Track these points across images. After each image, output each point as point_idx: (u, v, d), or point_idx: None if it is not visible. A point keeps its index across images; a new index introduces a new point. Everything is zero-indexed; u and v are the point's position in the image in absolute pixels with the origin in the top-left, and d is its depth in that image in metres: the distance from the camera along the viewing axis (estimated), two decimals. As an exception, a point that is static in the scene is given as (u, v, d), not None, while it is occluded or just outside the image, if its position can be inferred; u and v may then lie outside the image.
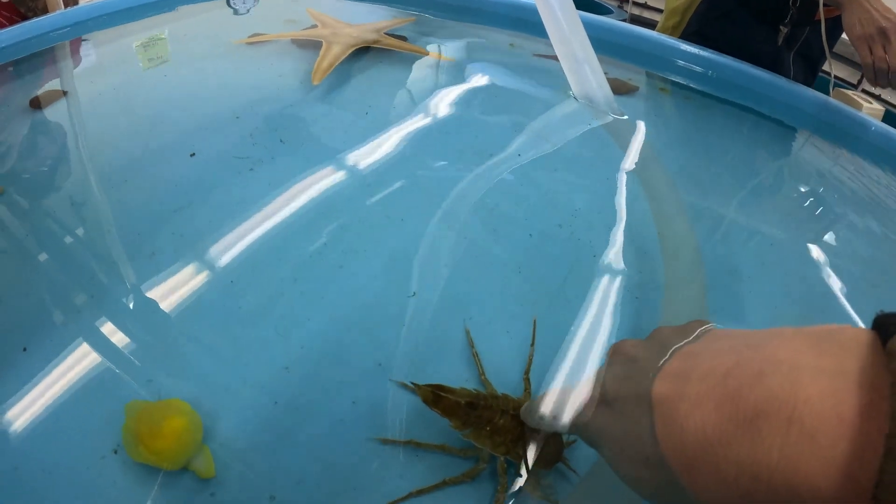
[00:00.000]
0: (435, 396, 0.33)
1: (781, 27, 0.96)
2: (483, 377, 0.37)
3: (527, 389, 0.36)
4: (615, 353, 0.28)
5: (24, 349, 0.36)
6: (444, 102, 0.69)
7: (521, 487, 0.32)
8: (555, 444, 0.33)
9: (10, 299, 0.39)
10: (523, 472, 0.32)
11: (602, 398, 0.26)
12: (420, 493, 0.32)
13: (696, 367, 0.22)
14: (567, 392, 0.29)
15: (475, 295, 0.43)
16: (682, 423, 0.21)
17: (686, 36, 1.05)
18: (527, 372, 0.37)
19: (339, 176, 0.53)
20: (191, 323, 0.39)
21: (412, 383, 0.34)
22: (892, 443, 0.15)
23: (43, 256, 0.43)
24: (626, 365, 0.26)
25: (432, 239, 0.48)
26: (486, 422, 0.32)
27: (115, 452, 0.32)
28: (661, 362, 0.23)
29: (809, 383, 0.18)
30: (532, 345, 0.39)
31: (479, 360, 0.38)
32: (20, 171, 0.52)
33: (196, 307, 0.40)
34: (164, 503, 0.30)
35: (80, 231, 0.46)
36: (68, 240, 0.45)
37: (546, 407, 0.29)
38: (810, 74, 1.06)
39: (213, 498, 0.31)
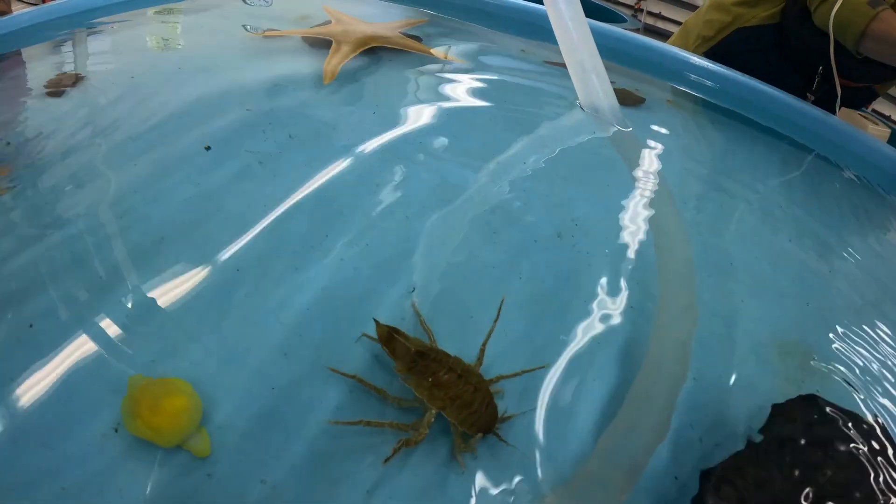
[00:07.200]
0: (389, 336, 0.36)
1: (808, 94, 0.98)
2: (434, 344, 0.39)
3: (479, 359, 0.38)
4: None
5: (31, 325, 0.37)
6: (451, 104, 0.69)
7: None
8: (489, 413, 0.34)
9: (18, 277, 0.40)
10: (453, 429, 0.34)
11: None
12: (368, 423, 0.34)
13: None
14: None
15: (475, 296, 0.44)
16: None
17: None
18: (484, 343, 0.39)
19: (344, 172, 0.54)
20: (194, 307, 0.40)
21: (374, 319, 0.37)
22: None
23: (52, 236, 0.44)
24: None
25: (434, 238, 0.48)
26: (431, 373, 0.34)
27: (116, 431, 0.33)
28: None
29: None
30: (495, 320, 0.41)
31: (430, 333, 0.39)
32: (31, 152, 0.53)
33: (200, 292, 0.41)
34: (162, 481, 0.31)
35: (87, 214, 0.46)
36: (76, 222, 0.46)
37: None
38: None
39: (210, 479, 0.32)
